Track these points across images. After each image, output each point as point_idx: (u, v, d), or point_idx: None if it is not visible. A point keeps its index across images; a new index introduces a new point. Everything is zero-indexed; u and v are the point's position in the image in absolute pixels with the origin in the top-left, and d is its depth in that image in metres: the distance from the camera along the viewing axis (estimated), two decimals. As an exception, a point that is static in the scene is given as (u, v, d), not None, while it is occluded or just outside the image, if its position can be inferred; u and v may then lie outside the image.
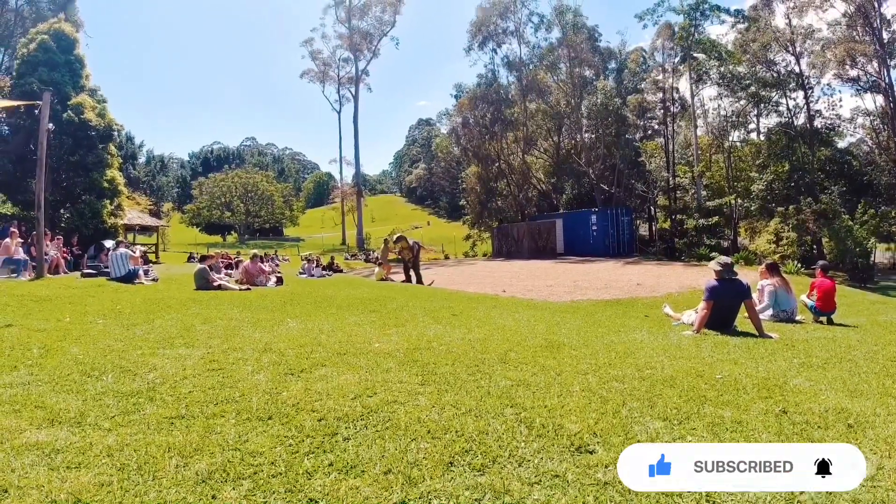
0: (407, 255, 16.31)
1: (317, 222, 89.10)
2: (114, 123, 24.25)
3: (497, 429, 2.78)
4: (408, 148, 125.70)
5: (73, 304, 7.43)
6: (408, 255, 16.28)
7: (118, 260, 11.65)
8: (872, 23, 28.91)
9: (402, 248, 16.37)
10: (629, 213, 34.45)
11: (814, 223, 26.46)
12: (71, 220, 21.79)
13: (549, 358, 4.46)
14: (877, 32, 28.86)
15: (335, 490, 2.13)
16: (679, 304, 9.16)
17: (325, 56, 60.12)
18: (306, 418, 2.89)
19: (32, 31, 23.47)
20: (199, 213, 67.59)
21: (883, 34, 29.05)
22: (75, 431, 2.67)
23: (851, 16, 29.65)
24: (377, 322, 6.45)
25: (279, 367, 3.95)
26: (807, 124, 31.18)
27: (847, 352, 5.22)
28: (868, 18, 28.94)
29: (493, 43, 41.71)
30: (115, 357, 4.17)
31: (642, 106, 37.18)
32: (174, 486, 2.15)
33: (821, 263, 9.27)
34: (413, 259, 16.20)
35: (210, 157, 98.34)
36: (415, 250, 16.29)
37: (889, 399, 3.49)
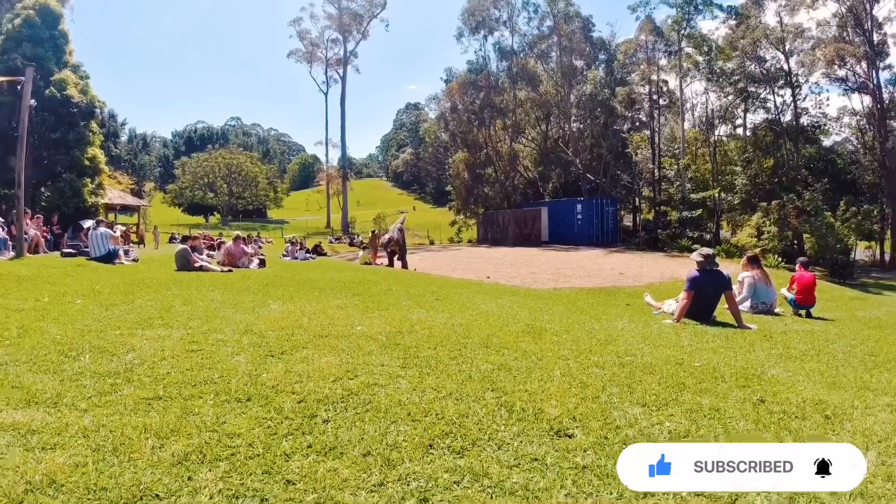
0: (395, 248, 16.44)
1: (301, 205, 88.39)
2: (96, 100, 23.74)
3: (477, 412, 2.78)
4: (395, 132, 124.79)
5: (53, 284, 7.29)
6: (396, 248, 16.41)
7: (98, 239, 11.46)
8: (863, 24, 29.11)
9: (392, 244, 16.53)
10: (614, 203, 34.70)
11: (796, 219, 26.84)
12: (51, 198, 21.36)
13: (530, 343, 4.47)
14: (867, 34, 29.08)
15: (313, 472, 2.12)
16: (660, 294, 9.25)
17: (314, 36, 59.40)
18: (286, 400, 2.86)
19: (19, 6, 22.70)
20: (181, 193, 66.65)
21: (874, 36, 29.29)
22: (52, 412, 2.63)
23: (842, 16, 29.83)
24: (360, 305, 6.42)
25: (259, 348, 3.91)
26: (793, 121, 31.49)
27: (825, 345, 5.30)
28: (859, 19, 29.12)
29: (485, 30, 41.39)
30: (93, 337, 4.10)
31: (631, 97, 37.21)
32: (150, 467, 2.12)
33: (801, 259, 9.40)
34: (400, 247, 16.25)
35: (193, 136, 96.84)
36: (401, 241, 16.32)
37: (867, 392, 3.55)
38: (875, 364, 4.51)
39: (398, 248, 16.28)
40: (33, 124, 18.71)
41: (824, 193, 28.02)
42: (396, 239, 16.33)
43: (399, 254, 16.17)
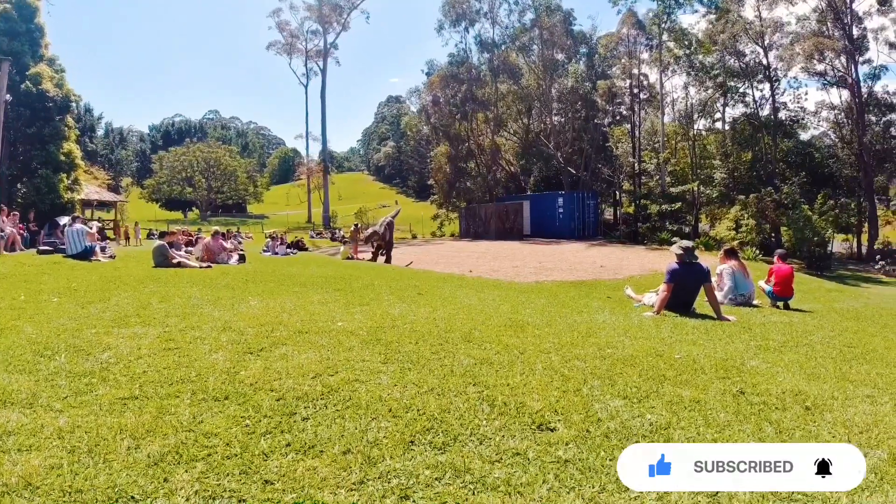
0: (380, 242, 16.42)
1: (282, 199, 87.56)
2: (72, 94, 23.29)
3: (459, 407, 2.77)
4: (377, 125, 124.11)
5: (28, 282, 7.16)
6: (379, 242, 16.40)
7: (74, 236, 11.27)
8: (843, 18, 29.50)
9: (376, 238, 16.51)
10: (595, 196, 34.95)
11: (773, 212, 27.28)
12: (27, 195, 20.94)
13: (512, 337, 4.48)
14: (847, 28, 29.49)
15: (292, 471, 2.09)
16: (640, 287, 9.34)
17: (293, 28, 58.67)
18: (264, 398, 2.82)
19: (-5, 0, 22.13)
20: (159, 188, 65.54)
21: (853, 30, 29.71)
22: (27, 413, 2.59)
23: (822, 11, 30.20)
24: (341, 301, 6.36)
25: (238, 346, 3.85)
26: (771, 116, 31.92)
27: (804, 336, 5.38)
28: (838, 14, 29.49)
29: (466, 22, 41.26)
30: (69, 336, 4.01)
31: (611, 91, 37.44)
32: (125, 468, 2.08)
33: (779, 251, 9.54)
34: (386, 242, 16.20)
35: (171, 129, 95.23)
36: (386, 237, 16.25)
37: (846, 383, 3.60)
38: (854, 355, 4.58)
39: (383, 242, 16.22)
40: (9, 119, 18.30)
41: (802, 187, 28.49)
42: (381, 234, 16.25)
43: (384, 248, 16.11)
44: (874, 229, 28.71)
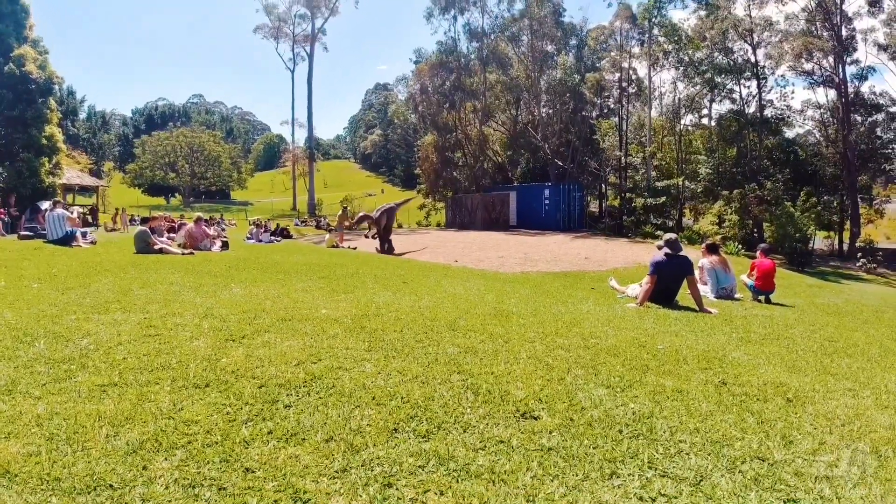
0: (372, 225, 16.27)
1: (266, 186, 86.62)
2: (54, 76, 22.79)
3: (443, 395, 2.77)
4: (364, 113, 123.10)
5: (8, 268, 7.03)
6: (373, 226, 16.25)
7: (55, 221, 11.10)
8: (832, 18, 29.69)
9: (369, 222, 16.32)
10: (581, 189, 35.03)
11: (756, 208, 27.56)
12: (9, 178, 20.51)
13: (497, 326, 4.48)
14: (836, 28, 29.69)
15: (273, 459, 2.07)
16: (624, 279, 9.40)
17: (281, 11, 57.59)
18: (246, 385, 2.79)
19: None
20: (141, 173, 64.38)
21: (842, 30, 29.94)
22: (5, 400, 2.55)
23: (812, 10, 30.37)
24: (326, 288, 6.32)
25: (220, 333, 3.80)
26: (758, 113, 32.11)
27: (785, 330, 5.45)
28: (828, 14, 29.67)
29: (455, 10, 40.85)
30: (49, 322, 3.94)
31: (600, 84, 37.41)
32: (103, 456, 2.05)
33: (762, 246, 9.65)
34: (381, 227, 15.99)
35: (154, 114, 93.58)
36: (382, 222, 15.99)
37: (827, 377, 3.66)
38: (835, 349, 4.65)
39: (379, 229, 16.01)
40: (-9, 102, 17.89)
41: (785, 184, 28.76)
42: (375, 219, 15.99)
43: (381, 235, 15.94)
44: (856, 227, 29.12)
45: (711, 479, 2.07)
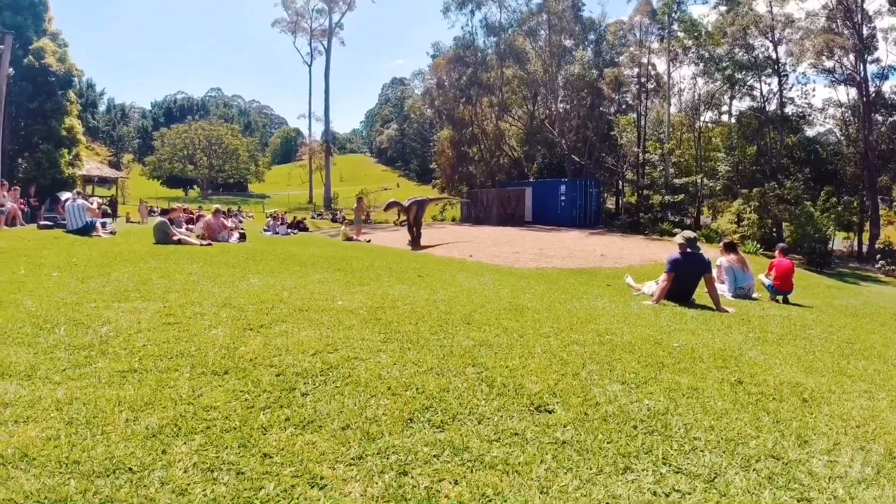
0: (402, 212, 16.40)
1: (283, 179, 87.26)
2: (74, 69, 23.13)
3: (458, 387, 2.78)
4: (380, 107, 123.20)
5: (29, 257, 7.14)
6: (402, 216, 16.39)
7: (75, 212, 11.27)
8: (853, 16, 29.12)
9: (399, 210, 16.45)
10: (598, 185, 34.75)
11: (776, 207, 27.13)
12: (28, 169, 20.92)
13: (512, 320, 4.48)
14: (857, 27, 29.12)
15: (291, 445, 2.09)
16: (640, 276, 9.34)
17: (298, 6, 57.89)
18: (264, 373, 2.82)
19: (0, -28, 21.92)
20: (160, 165, 65.29)
21: (863, 29, 29.36)
22: (25, 385, 2.58)
23: (832, 8, 29.81)
24: (342, 280, 6.36)
25: (238, 322, 3.85)
26: (778, 110, 31.55)
27: (802, 330, 5.38)
28: (849, 12, 29.12)
29: (472, 4, 40.65)
30: (69, 310, 4.00)
31: (618, 80, 37.00)
32: (123, 440, 2.08)
33: (781, 245, 9.52)
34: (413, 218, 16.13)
35: (173, 107, 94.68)
36: (412, 211, 16.15)
37: (844, 378, 3.60)
38: (852, 351, 4.58)
39: (410, 218, 16.16)
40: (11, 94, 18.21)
41: (805, 183, 28.27)
42: (405, 207, 16.10)
43: (411, 226, 16.08)
44: (876, 228, 28.55)
45: (725, 476, 2.06)
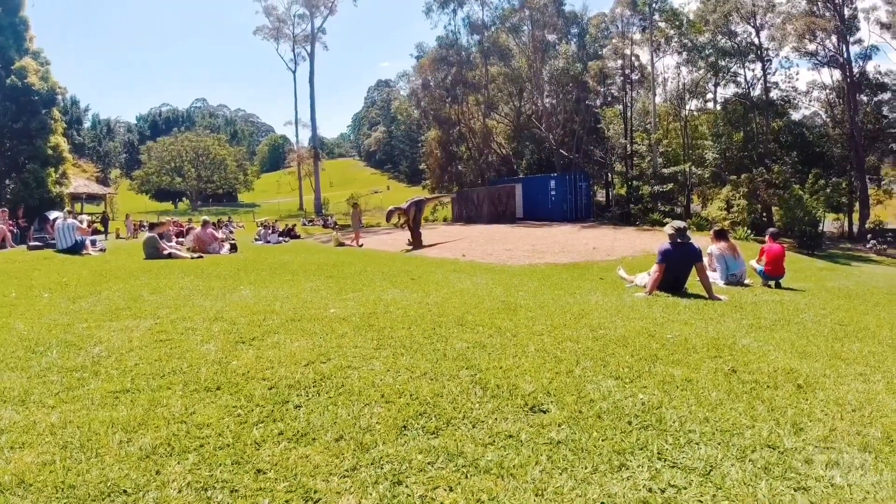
0: (402, 216, 16.53)
1: (272, 187, 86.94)
2: (57, 87, 23.05)
3: (452, 391, 2.77)
4: (367, 110, 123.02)
5: (19, 279, 7.12)
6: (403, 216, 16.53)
7: (64, 231, 11.22)
8: (834, -2, 29.34)
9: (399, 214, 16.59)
10: (587, 178, 34.82)
11: (765, 191, 27.31)
12: (16, 190, 20.82)
13: (505, 320, 4.48)
14: (838, 8, 29.34)
15: (284, 459, 2.08)
16: (633, 267, 9.35)
17: (280, 12, 57.70)
18: (256, 387, 2.81)
19: (-22, -6, 21.78)
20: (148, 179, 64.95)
21: (844, 10, 29.56)
22: (19, 410, 2.57)
23: (814, -10, 30.02)
24: (334, 287, 6.35)
25: (230, 335, 3.83)
26: (763, 95, 31.78)
27: (795, 315, 5.40)
28: (830, -7, 29.32)
29: (454, 3, 40.72)
30: (60, 331, 3.99)
31: (603, 72, 37.13)
32: (117, 462, 2.07)
33: (771, 230, 9.56)
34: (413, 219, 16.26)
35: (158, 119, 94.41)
36: (411, 213, 16.29)
37: (838, 361, 3.61)
38: (846, 333, 4.60)
39: (407, 217, 16.30)
40: (-5, 115, 18.12)
41: (793, 166, 28.49)
42: (405, 209, 16.24)
43: (411, 227, 16.21)
44: (865, 209, 28.81)
45: (721, 468, 2.06)
